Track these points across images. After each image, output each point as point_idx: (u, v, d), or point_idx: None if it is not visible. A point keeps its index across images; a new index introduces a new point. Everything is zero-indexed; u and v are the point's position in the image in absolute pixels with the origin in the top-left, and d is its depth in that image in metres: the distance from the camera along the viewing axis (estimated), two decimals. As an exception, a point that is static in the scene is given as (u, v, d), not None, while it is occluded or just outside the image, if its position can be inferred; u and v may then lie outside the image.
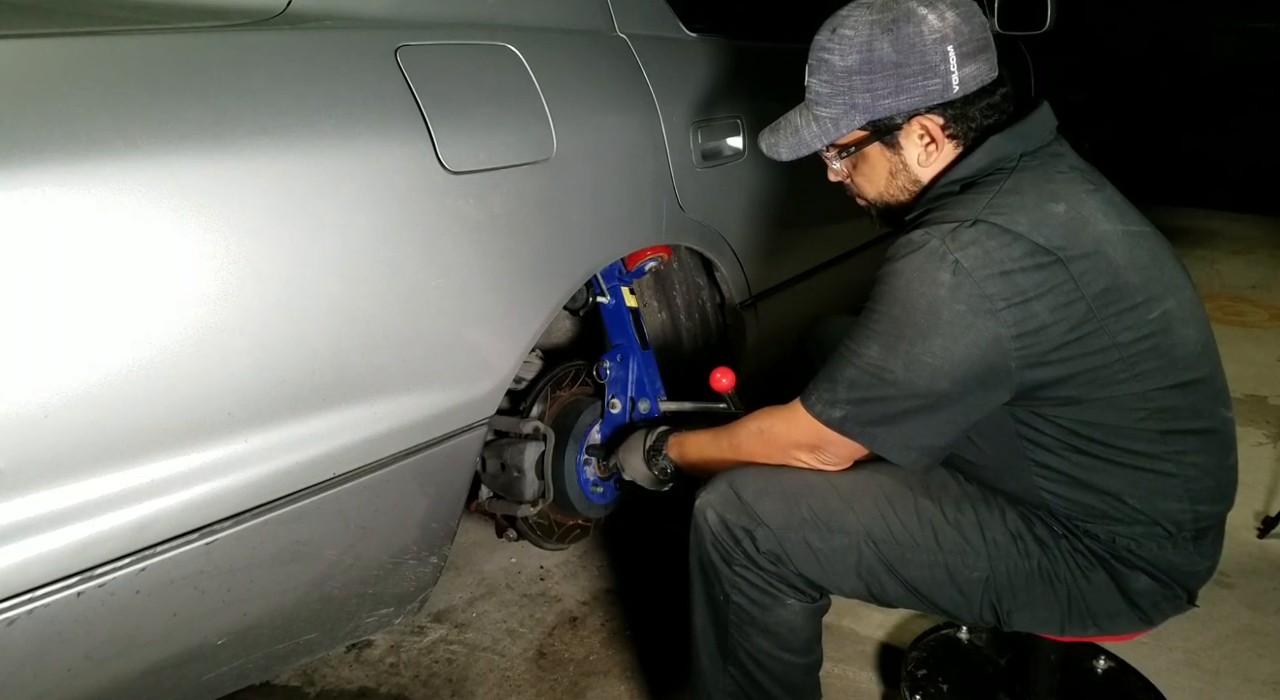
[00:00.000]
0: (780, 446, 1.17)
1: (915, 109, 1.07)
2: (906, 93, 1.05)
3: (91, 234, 0.83)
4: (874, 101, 1.07)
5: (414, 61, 1.11)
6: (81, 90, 0.84)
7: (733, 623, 1.18)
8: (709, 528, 1.16)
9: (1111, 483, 1.06)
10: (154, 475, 0.90)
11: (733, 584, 1.16)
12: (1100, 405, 1.02)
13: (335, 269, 1.01)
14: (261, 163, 0.94)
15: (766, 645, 1.17)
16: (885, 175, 1.15)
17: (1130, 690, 1.49)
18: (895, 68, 1.04)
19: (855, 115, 1.09)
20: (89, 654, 0.90)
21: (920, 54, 1.03)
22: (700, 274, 1.76)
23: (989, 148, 1.06)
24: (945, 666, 1.52)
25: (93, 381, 0.84)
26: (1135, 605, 1.10)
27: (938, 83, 1.04)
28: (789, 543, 1.12)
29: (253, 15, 1.03)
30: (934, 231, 1.00)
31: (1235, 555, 1.89)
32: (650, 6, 1.57)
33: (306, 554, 1.06)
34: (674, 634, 1.68)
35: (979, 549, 1.11)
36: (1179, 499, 1.06)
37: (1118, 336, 1.00)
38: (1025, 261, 0.97)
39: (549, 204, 1.26)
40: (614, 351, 1.57)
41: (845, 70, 1.07)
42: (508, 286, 1.22)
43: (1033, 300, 0.97)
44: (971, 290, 0.96)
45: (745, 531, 1.13)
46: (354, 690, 1.55)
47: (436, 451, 1.17)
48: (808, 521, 1.12)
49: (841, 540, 1.12)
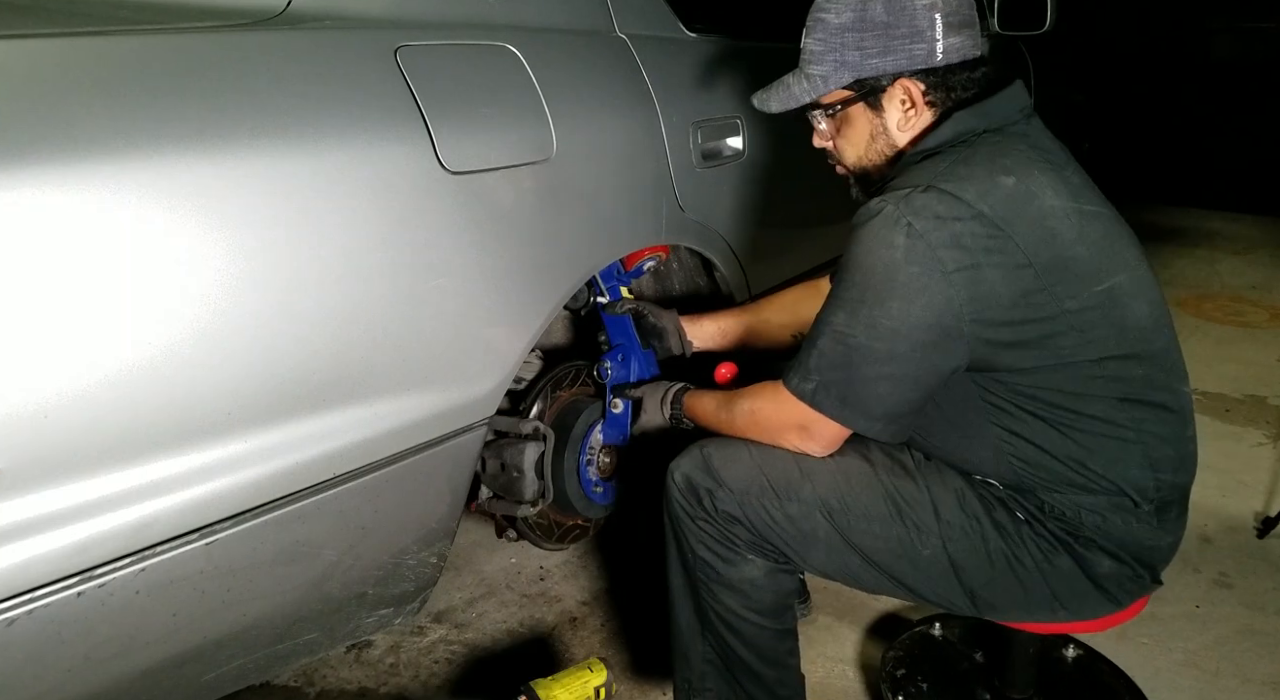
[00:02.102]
0: (768, 428, 1.20)
1: (900, 71, 1.12)
2: (893, 54, 1.10)
3: (91, 234, 0.83)
4: (862, 59, 1.12)
5: (414, 61, 1.11)
6: (81, 90, 0.85)
7: (701, 581, 1.22)
8: (675, 486, 1.22)
9: (1074, 449, 1.08)
10: (154, 475, 0.90)
11: (698, 539, 1.20)
12: (1056, 372, 1.06)
13: (335, 269, 1.01)
14: (261, 163, 0.94)
15: (734, 603, 1.20)
16: (866, 138, 1.19)
17: (1100, 676, 1.52)
18: (885, 28, 1.09)
19: (843, 72, 1.14)
20: (89, 654, 0.90)
21: (910, 17, 1.09)
22: (700, 274, 1.77)
23: (954, 122, 1.11)
24: (923, 664, 1.53)
25: (93, 381, 0.84)
26: (1101, 587, 1.12)
27: (923, 48, 1.10)
28: (748, 507, 1.17)
29: (252, 15, 1.03)
30: (889, 198, 1.04)
31: (1235, 555, 1.89)
32: (650, 7, 1.57)
33: (306, 554, 1.06)
34: (674, 634, 1.68)
35: (930, 527, 1.13)
36: (1140, 466, 1.08)
37: (1065, 304, 1.03)
38: (974, 227, 1.01)
39: (549, 204, 1.26)
40: (615, 351, 1.57)
41: (839, 27, 1.12)
42: (507, 286, 1.22)
43: (983, 266, 1.01)
44: (925, 253, 1.00)
45: (707, 491, 1.18)
46: (354, 690, 1.55)
47: (436, 451, 1.17)
48: (766, 489, 1.16)
49: (797, 509, 1.16)
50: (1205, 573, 1.84)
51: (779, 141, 1.80)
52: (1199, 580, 1.81)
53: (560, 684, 1.38)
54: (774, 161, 1.80)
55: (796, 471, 1.18)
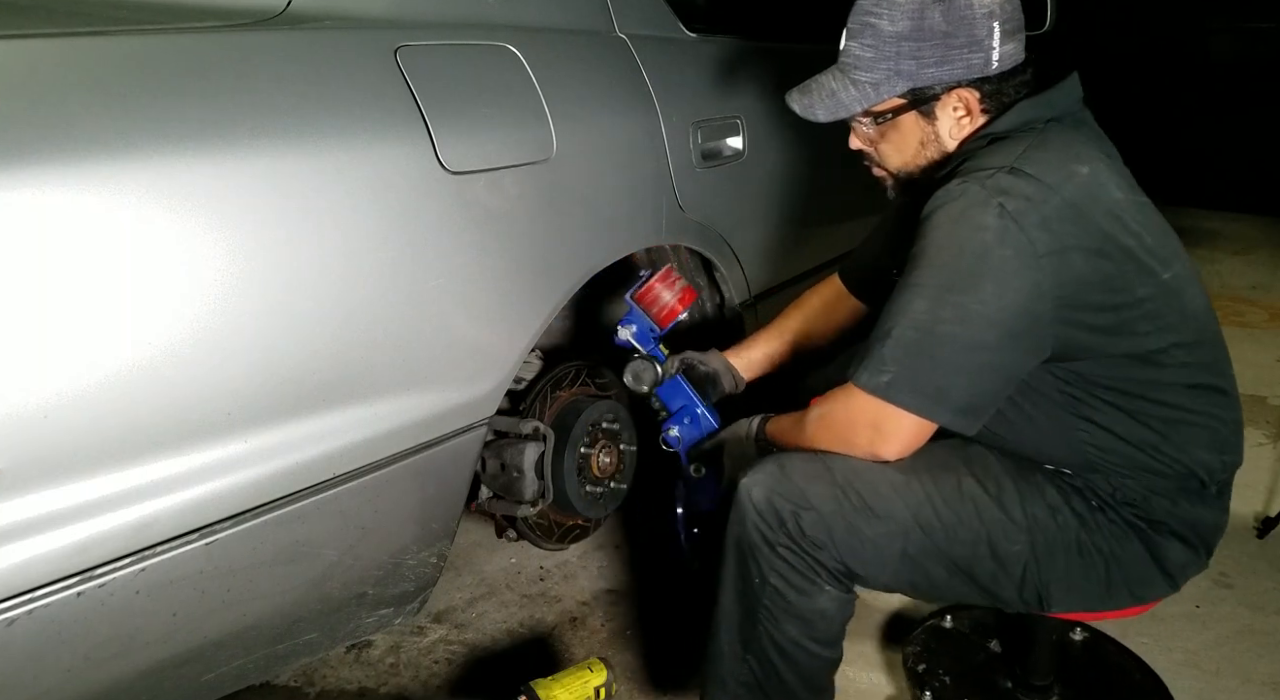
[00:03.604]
0: (840, 431, 1.13)
1: (957, 81, 1.10)
2: (950, 64, 1.09)
3: (91, 234, 0.83)
4: (918, 69, 1.09)
5: (414, 61, 1.11)
6: (81, 90, 0.85)
7: (765, 607, 1.14)
8: (753, 507, 1.12)
9: (1148, 434, 1.09)
10: (154, 475, 0.90)
11: (771, 566, 1.12)
12: (1132, 360, 1.07)
13: (335, 269, 1.01)
14: (261, 163, 0.94)
15: (796, 633, 1.14)
16: (915, 145, 1.17)
17: (1109, 656, 1.55)
18: (944, 38, 1.07)
19: (897, 82, 1.11)
20: (89, 654, 0.90)
21: (969, 27, 1.07)
22: (700, 274, 1.76)
23: (1018, 111, 1.10)
24: (941, 658, 1.54)
25: (93, 382, 0.84)
26: (1166, 572, 1.14)
27: (980, 57, 1.08)
28: (836, 528, 1.10)
29: (252, 15, 1.03)
30: (972, 179, 1.03)
31: (1235, 555, 1.89)
32: (650, 7, 1.57)
33: (306, 554, 1.06)
34: (674, 634, 1.68)
35: (1020, 522, 1.11)
36: (1209, 448, 1.11)
37: (1138, 292, 1.04)
38: (1062, 211, 1.00)
39: (549, 204, 1.26)
40: (678, 415, 1.45)
41: (894, 36, 1.08)
42: (507, 286, 1.22)
43: (1070, 250, 1.00)
44: (1017, 235, 0.99)
45: (792, 514, 1.10)
46: (354, 690, 1.55)
47: (436, 452, 1.17)
48: (857, 508, 1.10)
49: (889, 527, 1.10)
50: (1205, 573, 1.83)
51: (779, 141, 1.80)
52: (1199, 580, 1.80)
53: (560, 684, 1.38)
54: (774, 161, 1.80)
55: (886, 485, 1.12)
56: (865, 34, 1.11)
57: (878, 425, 1.09)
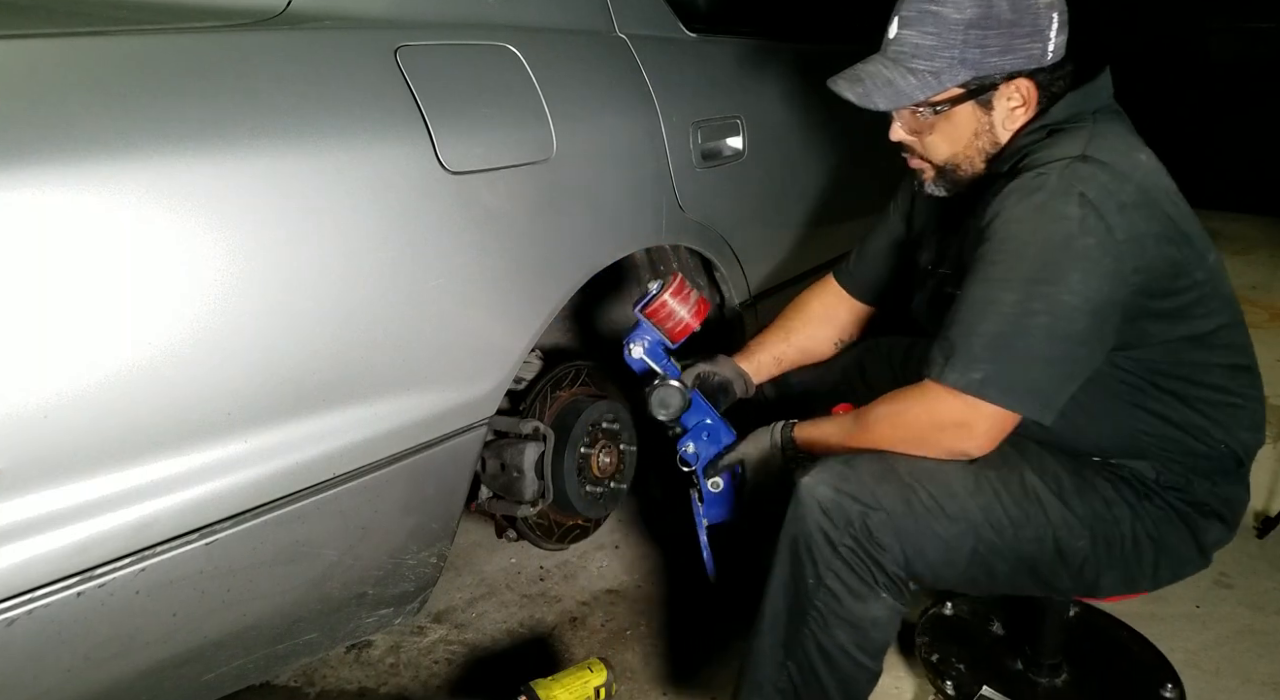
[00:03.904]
0: (919, 431, 1.12)
1: (1017, 70, 1.10)
2: (1012, 53, 1.09)
3: (92, 234, 0.83)
4: (982, 58, 1.09)
5: (414, 61, 1.11)
6: (81, 90, 0.84)
7: (815, 610, 1.11)
8: (817, 505, 1.09)
9: (1197, 418, 1.13)
10: (154, 475, 0.90)
11: (829, 567, 1.09)
12: (1186, 344, 1.10)
13: (335, 269, 1.01)
14: (261, 163, 0.94)
15: (845, 639, 1.11)
16: (968, 136, 1.16)
17: (1103, 628, 1.61)
18: (1009, 27, 1.07)
19: (960, 71, 1.10)
20: (89, 654, 0.90)
21: (1033, 16, 1.08)
22: (700, 274, 1.76)
23: (1066, 103, 1.12)
24: (950, 645, 1.55)
25: (93, 382, 0.84)
26: (1203, 551, 1.18)
27: (1039, 47, 1.09)
28: (905, 530, 1.08)
29: (252, 15, 1.03)
30: (1048, 170, 1.03)
31: (1235, 555, 1.89)
32: (650, 7, 1.57)
33: (306, 554, 1.06)
34: (674, 634, 1.68)
35: (1083, 518, 1.13)
36: (1249, 428, 1.16)
37: (1195, 276, 1.07)
38: (1135, 197, 1.02)
39: (548, 204, 1.26)
40: (695, 431, 1.39)
41: (959, 23, 1.07)
42: (507, 286, 1.22)
43: (1144, 237, 1.02)
44: (1098, 223, 1.00)
45: (860, 514, 1.08)
46: (354, 690, 1.55)
47: (436, 452, 1.17)
48: (929, 509, 1.09)
49: (961, 526, 1.10)
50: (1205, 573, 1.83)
51: (779, 141, 1.80)
52: (1199, 580, 1.81)
53: (560, 684, 1.38)
54: (774, 161, 1.80)
55: (957, 484, 1.11)
56: (926, 22, 1.09)
57: (967, 423, 1.08)
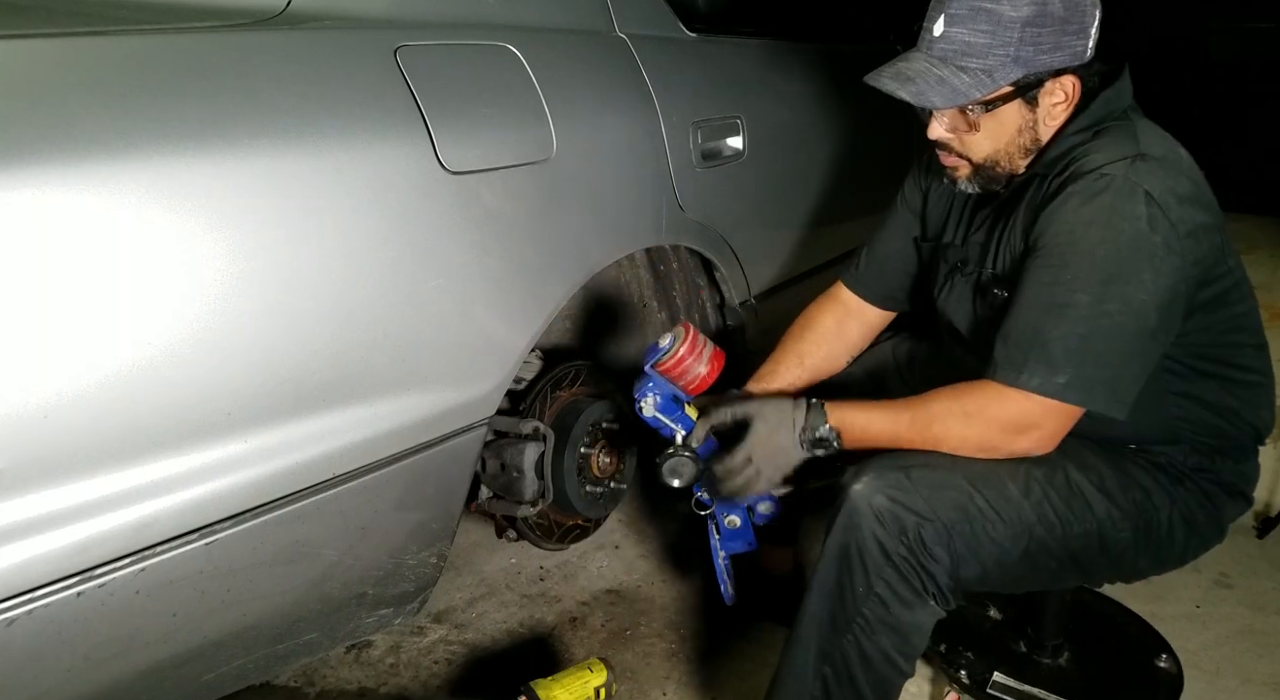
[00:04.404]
0: (990, 434, 1.10)
1: (1063, 67, 1.10)
2: (1061, 51, 1.09)
3: (92, 234, 0.83)
4: (1035, 55, 1.08)
5: (414, 61, 1.11)
6: (81, 90, 0.85)
7: (862, 617, 1.11)
8: (872, 513, 1.09)
9: (1230, 400, 1.17)
10: (154, 475, 0.90)
11: (880, 575, 1.09)
12: (1225, 328, 1.15)
13: (335, 269, 1.01)
14: (261, 163, 0.94)
15: (889, 645, 1.12)
16: (1012, 133, 1.16)
17: (1091, 603, 1.65)
18: (1061, 24, 1.07)
19: (1014, 69, 1.08)
20: (89, 654, 0.90)
21: (1081, 14, 1.08)
22: (700, 274, 1.76)
23: (1104, 101, 1.13)
24: (954, 635, 1.55)
25: (93, 382, 0.84)
26: (1223, 528, 1.24)
27: (1082, 44, 1.10)
28: (958, 537, 1.09)
29: (252, 15, 1.03)
30: (1111, 171, 1.05)
31: (1235, 555, 1.89)
32: (650, 7, 1.57)
33: (306, 554, 1.06)
34: (674, 634, 1.68)
35: (1127, 510, 1.15)
36: (1269, 406, 1.20)
37: (1229, 262, 1.13)
38: (1192, 191, 1.06)
39: (548, 204, 1.26)
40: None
41: (1016, 21, 1.06)
42: (507, 286, 1.22)
43: (1197, 229, 1.05)
44: (1163, 220, 1.03)
45: (915, 525, 1.08)
46: (354, 690, 1.55)
47: (436, 452, 1.17)
48: (985, 514, 1.10)
49: (1015, 529, 1.11)
50: (1205, 573, 1.84)
51: (779, 141, 1.80)
52: (1199, 580, 1.81)
53: (560, 684, 1.38)
54: (774, 161, 1.80)
55: (1012, 488, 1.11)
56: (979, 20, 1.07)
57: (1040, 424, 1.08)
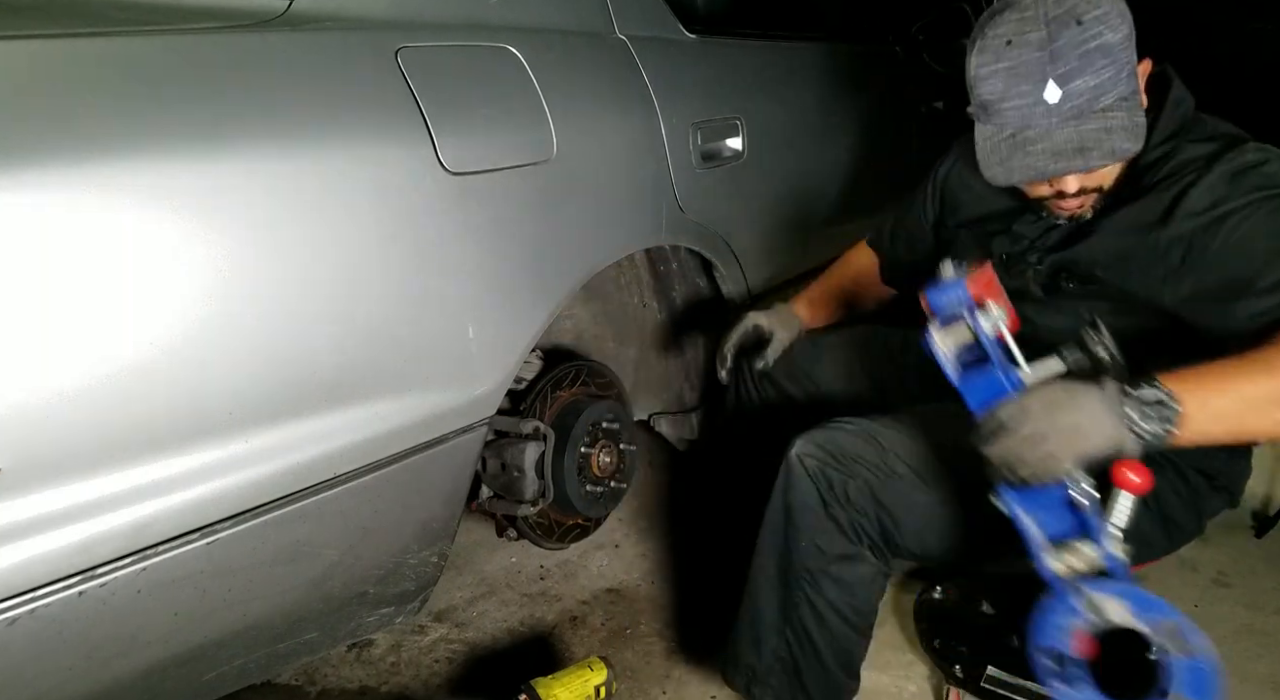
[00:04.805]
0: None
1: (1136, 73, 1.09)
2: (1133, 58, 1.07)
3: (93, 235, 0.83)
4: (1133, 69, 1.07)
5: (414, 63, 1.11)
6: (81, 90, 0.85)
7: (807, 571, 1.21)
8: (805, 471, 1.20)
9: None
10: (155, 475, 0.90)
11: (820, 528, 1.19)
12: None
13: (335, 269, 1.01)
14: (262, 164, 0.94)
15: (837, 598, 1.21)
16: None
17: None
18: (1132, 29, 1.06)
19: (1131, 81, 1.06)
20: (90, 654, 0.90)
21: (1130, 19, 1.07)
22: (700, 274, 1.77)
23: (1178, 100, 1.16)
24: (947, 629, 1.57)
25: (94, 381, 0.84)
26: (1201, 525, 1.26)
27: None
28: (883, 495, 1.17)
29: (253, 16, 1.03)
30: (1269, 166, 1.07)
31: (1234, 555, 1.89)
32: (650, 8, 1.57)
33: (307, 554, 1.07)
34: (674, 632, 1.68)
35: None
36: None
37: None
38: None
39: (549, 205, 1.26)
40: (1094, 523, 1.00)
41: (1120, 41, 1.04)
42: (508, 287, 1.22)
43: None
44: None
45: (842, 482, 1.18)
46: (355, 689, 1.55)
47: (437, 452, 1.18)
48: (905, 478, 1.17)
49: (939, 495, 1.17)
50: (1204, 572, 1.84)
51: (778, 142, 1.81)
52: (1198, 579, 1.82)
53: (560, 683, 1.38)
54: (773, 162, 1.80)
55: (933, 460, 1.18)
56: (1094, 59, 1.02)
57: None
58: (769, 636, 1.27)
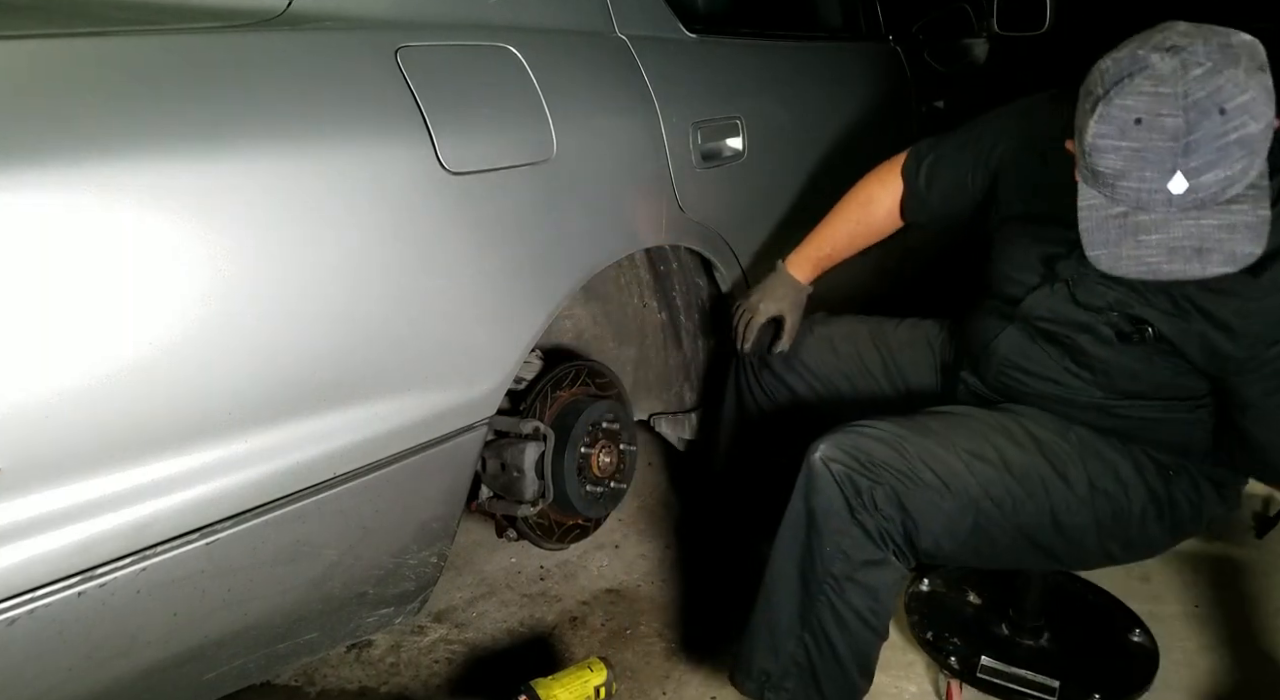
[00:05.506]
0: None
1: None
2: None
3: (93, 235, 0.83)
4: (1269, 142, 0.95)
5: (414, 62, 1.11)
6: (81, 90, 0.85)
7: (831, 577, 1.21)
8: (832, 476, 1.20)
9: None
10: (155, 475, 0.90)
11: (847, 534, 1.19)
12: None
13: (335, 269, 1.01)
14: (262, 164, 0.94)
15: (861, 604, 1.21)
16: None
17: (1065, 584, 1.67)
18: (1274, 107, 0.95)
19: (1265, 164, 0.96)
20: (90, 654, 0.90)
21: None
22: (700, 274, 1.77)
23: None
24: (938, 621, 1.59)
25: (94, 381, 0.84)
26: (1201, 525, 1.28)
27: None
28: (908, 500, 1.18)
29: (253, 16, 1.03)
30: None
31: (1234, 555, 1.89)
32: (650, 8, 1.57)
33: (307, 554, 1.06)
34: (674, 633, 1.68)
35: (1084, 497, 1.21)
36: None
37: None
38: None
39: (548, 205, 1.26)
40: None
41: (1261, 131, 0.93)
42: (508, 287, 1.22)
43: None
44: None
45: (869, 487, 1.18)
46: (355, 690, 1.55)
47: (437, 451, 1.18)
48: (930, 485, 1.19)
49: (960, 502, 1.20)
50: (1204, 573, 1.84)
51: (779, 142, 1.81)
52: (1198, 580, 1.82)
53: (560, 683, 1.38)
54: (774, 161, 1.80)
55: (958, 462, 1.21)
56: (1232, 153, 0.93)
57: None
58: (785, 641, 1.25)
